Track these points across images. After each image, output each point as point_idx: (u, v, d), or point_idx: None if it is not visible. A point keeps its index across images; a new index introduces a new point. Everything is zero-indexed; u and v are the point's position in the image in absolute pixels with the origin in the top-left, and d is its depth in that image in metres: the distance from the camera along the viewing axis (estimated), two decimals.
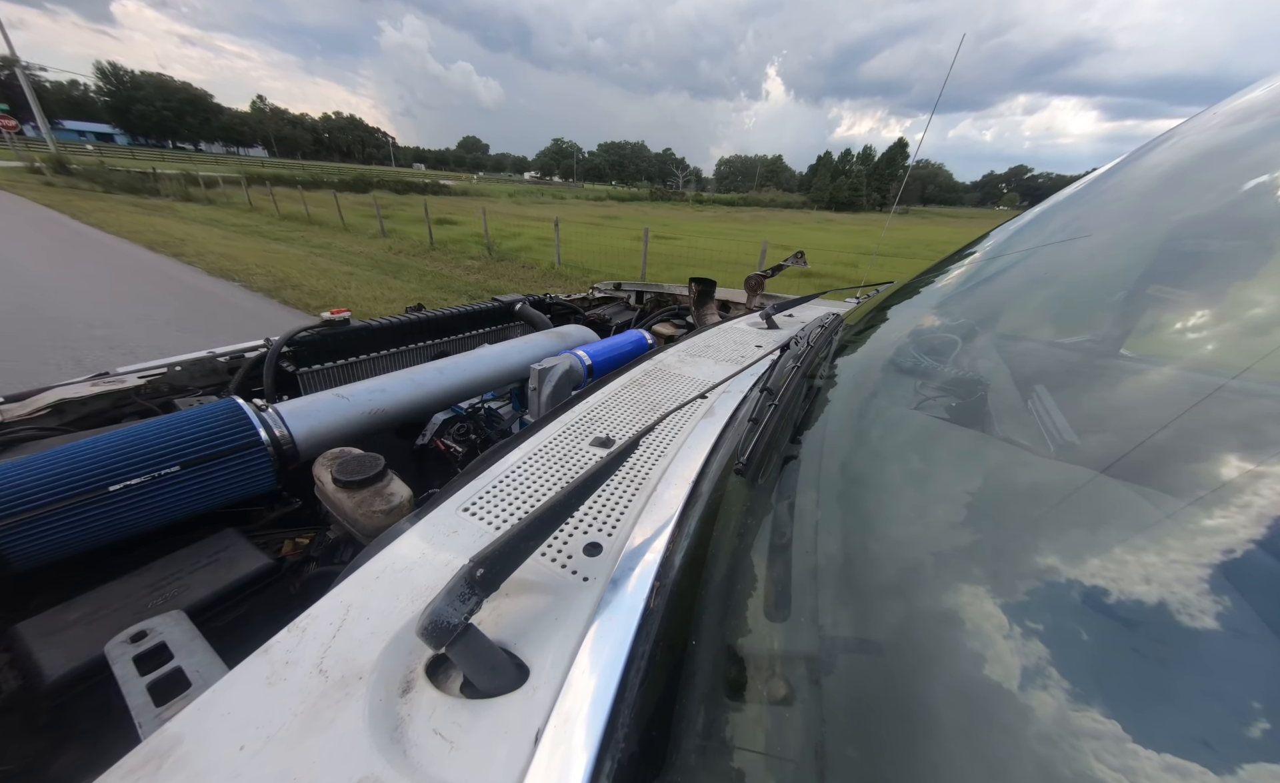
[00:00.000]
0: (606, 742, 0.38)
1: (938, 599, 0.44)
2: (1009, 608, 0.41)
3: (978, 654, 0.39)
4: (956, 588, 0.44)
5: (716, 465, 0.76)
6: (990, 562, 0.46)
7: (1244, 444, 0.44)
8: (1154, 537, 0.40)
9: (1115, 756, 0.29)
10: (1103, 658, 0.34)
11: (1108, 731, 0.30)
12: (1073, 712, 0.31)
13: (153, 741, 0.39)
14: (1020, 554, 0.46)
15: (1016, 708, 0.34)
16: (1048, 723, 0.32)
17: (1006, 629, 0.39)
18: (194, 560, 0.89)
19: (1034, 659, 0.36)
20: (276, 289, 7.12)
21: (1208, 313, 0.63)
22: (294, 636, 0.48)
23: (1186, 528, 0.39)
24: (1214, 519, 0.39)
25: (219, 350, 1.55)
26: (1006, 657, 0.37)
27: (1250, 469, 0.41)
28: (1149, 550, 0.39)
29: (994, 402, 0.70)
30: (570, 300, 2.68)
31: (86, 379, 1.29)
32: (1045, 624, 0.38)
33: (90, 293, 6.30)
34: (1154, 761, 0.27)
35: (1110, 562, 0.40)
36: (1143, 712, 0.30)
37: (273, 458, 1.03)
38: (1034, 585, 0.42)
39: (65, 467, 0.83)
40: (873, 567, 0.52)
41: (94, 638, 0.69)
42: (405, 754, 0.38)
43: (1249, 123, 0.86)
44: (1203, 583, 0.35)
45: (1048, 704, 0.33)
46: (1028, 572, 0.43)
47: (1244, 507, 0.38)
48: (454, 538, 0.62)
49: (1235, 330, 0.59)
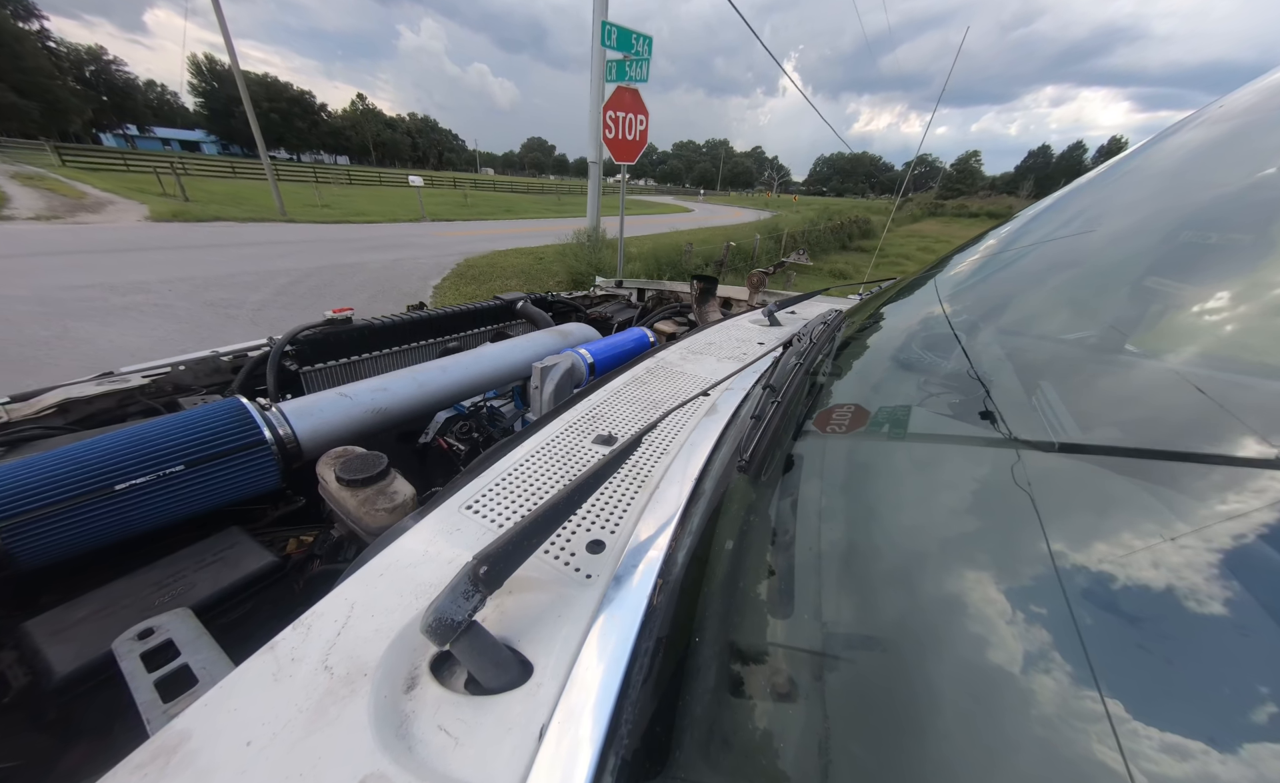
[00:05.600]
0: (610, 737, 0.38)
1: (942, 595, 0.44)
2: (1013, 603, 0.40)
3: (982, 650, 0.39)
4: (960, 584, 0.44)
5: (719, 463, 0.76)
6: (994, 557, 0.45)
7: (1244, 437, 0.44)
8: (1157, 529, 0.40)
9: (1119, 742, 0.29)
10: (1108, 651, 0.34)
11: (1113, 714, 0.30)
12: (1077, 704, 0.31)
13: (160, 737, 0.39)
14: (1024, 549, 0.45)
15: (1021, 703, 0.34)
16: (1052, 717, 0.32)
17: (1010, 625, 0.39)
18: (199, 558, 0.89)
19: (1038, 654, 0.36)
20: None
21: (1212, 307, 0.62)
22: (299, 633, 0.48)
23: (1188, 520, 0.39)
24: (1214, 511, 0.39)
25: (222, 349, 1.56)
26: (1010, 652, 0.37)
27: (1251, 460, 0.41)
28: (1152, 543, 0.39)
29: (998, 397, 0.70)
30: (572, 298, 2.68)
31: (91, 379, 1.30)
32: (1049, 618, 0.38)
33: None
34: (1156, 740, 0.27)
35: (1115, 554, 0.40)
36: (1147, 703, 0.30)
37: (276, 457, 1.04)
38: (1038, 580, 0.42)
39: (71, 466, 0.83)
40: (876, 563, 0.52)
41: (101, 635, 0.69)
42: (410, 750, 0.38)
43: (1255, 114, 0.86)
44: (1205, 574, 0.35)
45: (1052, 698, 0.33)
46: (1032, 567, 0.43)
47: (1243, 500, 0.38)
48: (457, 536, 0.62)
49: (1239, 325, 0.59)
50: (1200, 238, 0.71)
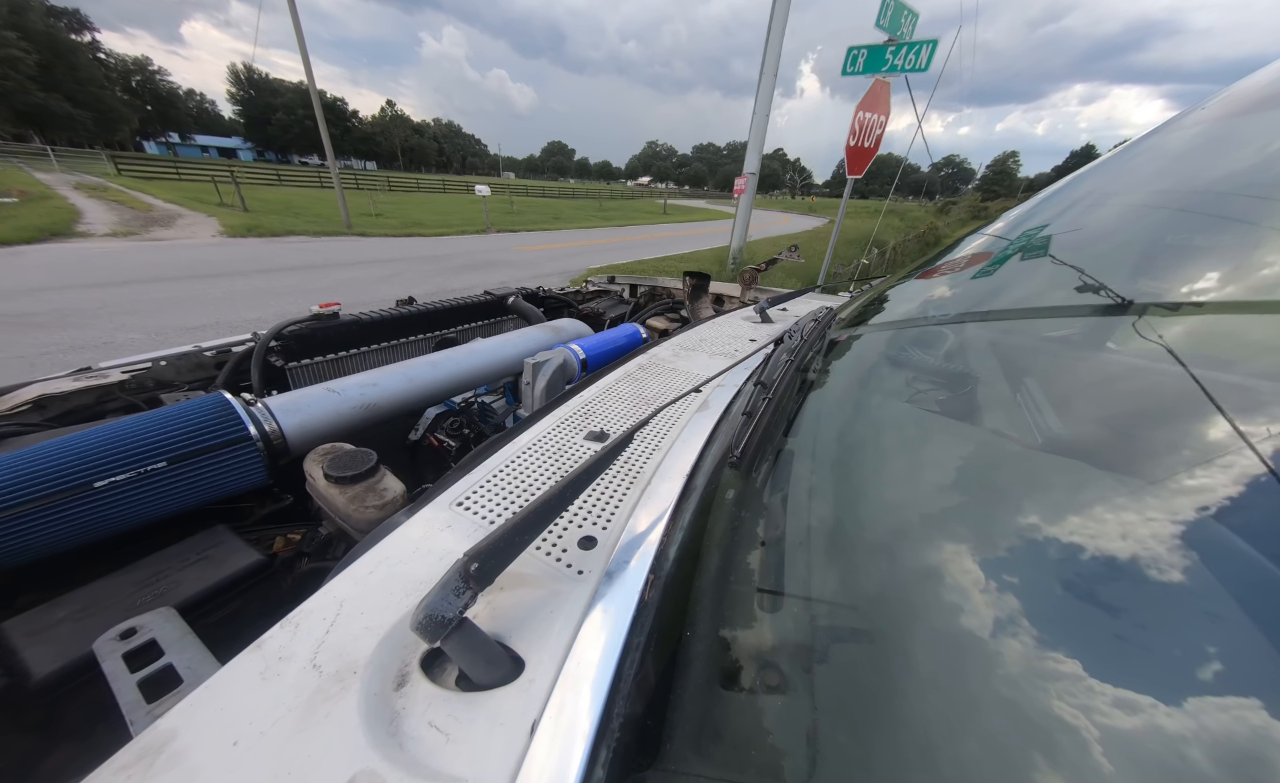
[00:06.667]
0: (602, 732, 0.38)
1: (930, 588, 0.45)
2: (1000, 597, 0.41)
3: (968, 642, 0.39)
4: (948, 576, 0.45)
5: (711, 459, 0.77)
6: (982, 550, 0.46)
7: (1195, 430, 0.46)
8: (1137, 522, 0.41)
9: (1105, 733, 0.30)
10: (1095, 652, 0.35)
11: (1094, 704, 0.31)
12: (1061, 695, 0.32)
13: (145, 737, 0.38)
14: (1012, 544, 0.46)
15: (1007, 701, 0.35)
16: (1038, 710, 0.33)
17: (998, 618, 0.40)
18: (184, 557, 0.88)
19: (1026, 648, 0.37)
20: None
21: (1190, 306, 0.64)
22: (287, 631, 0.48)
23: (1160, 508, 0.40)
24: (1176, 498, 0.40)
25: (205, 345, 1.52)
26: (998, 647, 0.38)
27: (1202, 449, 0.42)
28: (1135, 540, 0.40)
29: (983, 393, 0.71)
30: (564, 294, 2.66)
31: (68, 374, 1.26)
32: (1038, 614, 0.39)
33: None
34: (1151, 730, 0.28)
35: (1106, 549, 0.41)
36: (1129, 705, 0.31)
37: (262, 453, 1.02)
38: (1026, 575, 0.43)
39: (48, 462, 0.81)
40: (865, 557, 0.53)
41: (82, 636, 0.68)
42: (401, 748, 0.38)
43: (1241, 115, 0.88)
44: (1170, 559, 0.36)
45: (1038, 692, 0.34)
46: (1019, 561, 0.44)
47: (1197, 482, 0.40)
48: (448, 533, 0.62)
49: (1210, 323, 0.60)
50: (1184, 239, 0.73)
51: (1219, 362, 0.55)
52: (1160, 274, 0.73)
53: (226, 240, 10.99)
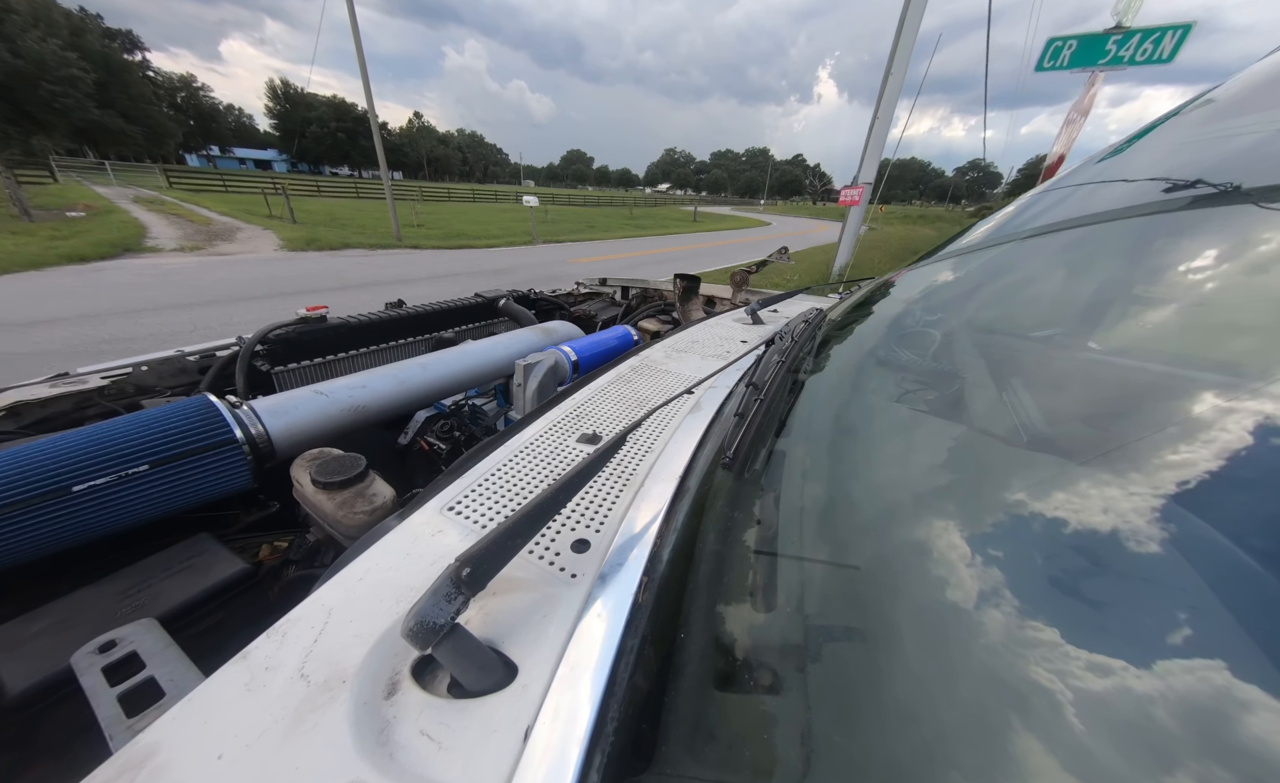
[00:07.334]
0: (597, 736, 0.38)
1: (923, 589, 0.46)
2: (993, 594, 0.42)
3: (962, 641, 0.40)
4: (941, 576, 0.45)
5: (703, 460, 0.77)
6: (973, 550, 0.47)
7: (1165, 423, 0.47)
8: (1117, 521, 0.42)
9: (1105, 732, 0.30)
10: (1092, 649, 0.36)
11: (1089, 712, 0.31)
12: (1058, 695, 0.33)
13: (126, 752, 0.37)
14: (1003, 542, 0.47)
15: (1001, 697, 0.36)
16: (1031, 708, 0.33)
17: (991, 615, 0.41)
18: (166, 567, 0.86)
19: (1019, 644, 0.38)
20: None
21: (1168, 308, 0.66)
22: (274, 641, 0.47)
23: (1138, 505, 0.41)
24: (1147, 486, 0.43)
25: (188, 349, 1.49)
26: (989, 644, 0.39)
27: (1163, 439, 0.45)
28: (1117, 537, 0.41)
29: (971, 393, 0.72)
30: (555, 296, 2.65)
31: (44, 380, 1.23)
32: (1029, 609, 0.40)
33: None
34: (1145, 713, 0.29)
35: (1092, 544, 0.42)
36: (1115, 693, 0.32)
37: (248, 456, 1.00)
38: (1020, 578, 0.43)
39: (24, 465, 0.79)
40: (857, 556, 0.54)
41: (60, 649, 0.66)
42: (392, 757, 0.37)
43: (1225, 119, 0.90)
44: (1142, 542, 0.39)
45: (1033, 694, 0.34)
46: (1011, 560, 0.45)
47: (1160, 472, 0.44)
48: (439, 538, 0.61)
49: (1185, 324, 0.62)
50: (1170, 243, 0.74)
51: (1191, 361, 0.57)
52: (1141, 273, 0.74)
53: (290, 255, 11.04)
